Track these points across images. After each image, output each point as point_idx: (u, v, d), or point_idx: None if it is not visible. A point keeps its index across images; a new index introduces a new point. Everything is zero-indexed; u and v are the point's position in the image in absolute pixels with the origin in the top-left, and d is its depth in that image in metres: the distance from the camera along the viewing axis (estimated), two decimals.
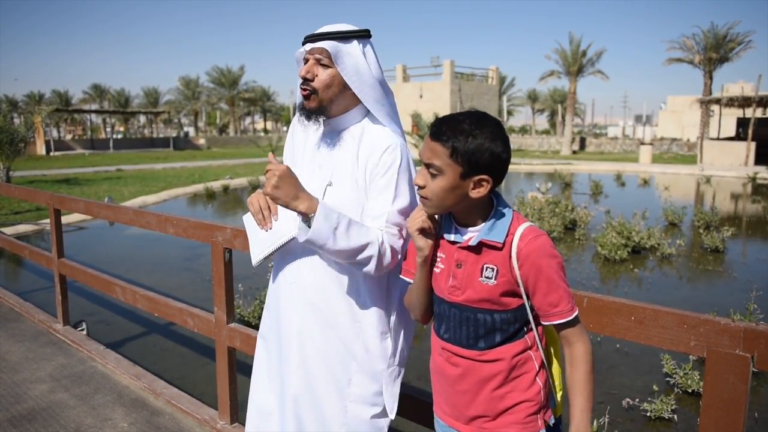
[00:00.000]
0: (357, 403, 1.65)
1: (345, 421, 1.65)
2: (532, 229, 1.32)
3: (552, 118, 65.62)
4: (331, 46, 1.54)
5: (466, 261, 1.35)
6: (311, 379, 1.65)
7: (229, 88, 56.66)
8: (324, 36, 1.55)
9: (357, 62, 1.56)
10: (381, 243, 1.52)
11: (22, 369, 3.49)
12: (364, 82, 1.57)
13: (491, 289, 1.32)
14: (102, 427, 2.81)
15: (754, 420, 3.66)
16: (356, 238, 1.49)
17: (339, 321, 1.64)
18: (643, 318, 1.44)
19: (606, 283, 7.12)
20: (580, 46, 37.47)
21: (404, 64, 36.12)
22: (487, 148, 1.26)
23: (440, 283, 1.41)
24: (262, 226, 1.67)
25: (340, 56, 1.54)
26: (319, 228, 1.45)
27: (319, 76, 1.57)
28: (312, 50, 1.57)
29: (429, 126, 1.35)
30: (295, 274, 1.67)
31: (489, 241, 1.32)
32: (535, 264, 1.28)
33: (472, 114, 1.31)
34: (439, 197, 1.31)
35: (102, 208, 3.75)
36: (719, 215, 11.22)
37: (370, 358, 1.64)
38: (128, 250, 8.95)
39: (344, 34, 1.56)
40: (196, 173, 21.51)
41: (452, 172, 1.28)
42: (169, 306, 3.17)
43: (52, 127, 49.29)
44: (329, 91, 1.58)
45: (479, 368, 1.37)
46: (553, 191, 15.16)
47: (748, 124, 26.89)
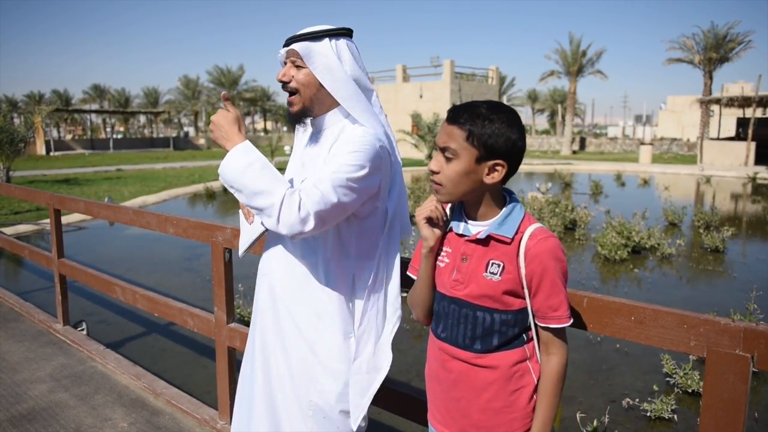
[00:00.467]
0: (320, 403, 1.62)
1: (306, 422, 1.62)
2: (543, 230, 1.32)
3: (552, 118, 65.63)
4: (301, 47, 1.58)
5: (472, 255, 1.35)
6: (272, 372, 1.67)
7: (229, 88, 56.67)
8: (296, 38, 1.60)
9: (328, 60, 1.58)
10: (291, 194, 1.44)
11: (22, 369, 3.49)
12: (336, 79, 1.59)
13: (494, 285, 1.31)
14: (102, 427, 2.81)
15: (754, 420, 3.66)
16: (267, 180, 1.45)
17: (302, 316, 1.63)
18: (643, 318, 1.44)
19: (606, 283, 7.12)
20: (580, 46, 37.49)
21: (404, 64, 36.17)
22: (503, 132, 1.28)
23: (443, 277, 1.41)
24: (247, 218, 1.74)
25: (311, 56, 1.58)
26: (234, 158, 1.48)
27: (295, 77, 1.61)
28: (287, 53, 1.62)
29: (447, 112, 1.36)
30: (267, 266, 1.72)
31: (498, 235, 1.31)
32: (543, 264, 1.28)
33: (489, 101, 1.33)
34: (454, 182, 1.31)
35: (102, 208, 3.75)
36: (719, 215, 11.22)
37: (330, 357, 1.62)
38: (128, 250, 8.94)
39: (315, 34, 1.59)
40: (196, 173, 21.51)
41: (468, 155, 1.29)
42: (169, 306, 3.17)
43: (52, 127, 49.32)
44: (308, 91, 1.61)
45: (474, 374, 1.35)
46: (553, 191, 15.16)
47: (748, 124, 26.89)
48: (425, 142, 26.22)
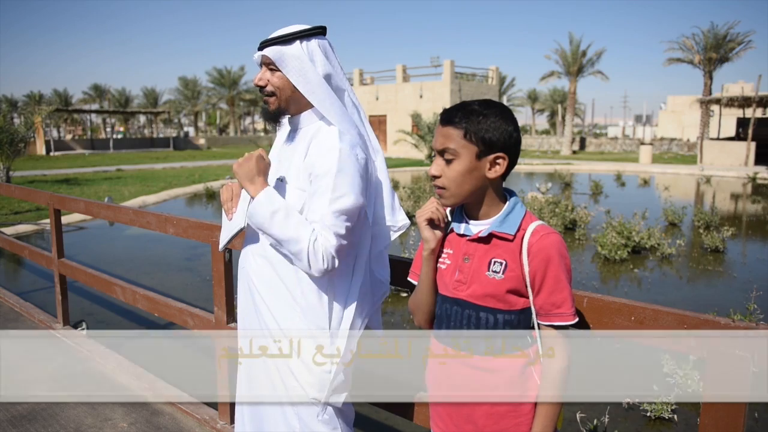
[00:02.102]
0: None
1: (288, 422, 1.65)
2: (545, 226, 1.31)
3: (552, 118, 65.59)
4: (273, 52, 1.61)
5: (474, 254, 1.34)
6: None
7: (229, 88, 56.62)
8: (268, 42, 1.62)
9: (301, 63, 1.61)
10: (314, 241, 1.53)
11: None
12: (309, 81, 1.62)
13: (498, 284, 1.30)
14: (102, 427, 2.81)
15: (754, 420, 3.66)
16: (292, 229, 1.53)
17: (279, 309, 1.66)
18: (643, 318, 1.44)
19: (606, 283, 7.11)
20: (580, 46, 37.46)
21: (404, 64, 36.13)
22: (499, 125, 1.29)
23: (445, 278, 1.39)
24: (227, 214, 1.80)
25: (283, 60, 1.61)
26: (259, 207, 1.56)
27: (270, 81, 1.64)
28: (261, 57, 1.65)
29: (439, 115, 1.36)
30: (245, 259, 1.76)
31: (500, 233, 1.31)
32: (546, 260, 1.27)
33: (479, 100, 1.34)
34: (457, 183, 1.31)
35: (102, 208, 3.75)
36: (719, 215, 11.21)
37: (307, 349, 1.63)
38: (128, 250, 8.94)
39: (286, 37, 1.61)
40: (196, 173, 21.50)
41: (468, 153, 1.29)
42: (169, 306, 3.17)
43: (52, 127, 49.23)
44: (284, 93, 1.65)
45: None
46: (553, 191, 15.16)
47: (748, 124, 26.88)
48: (425, 142, 26.23)
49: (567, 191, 16.94)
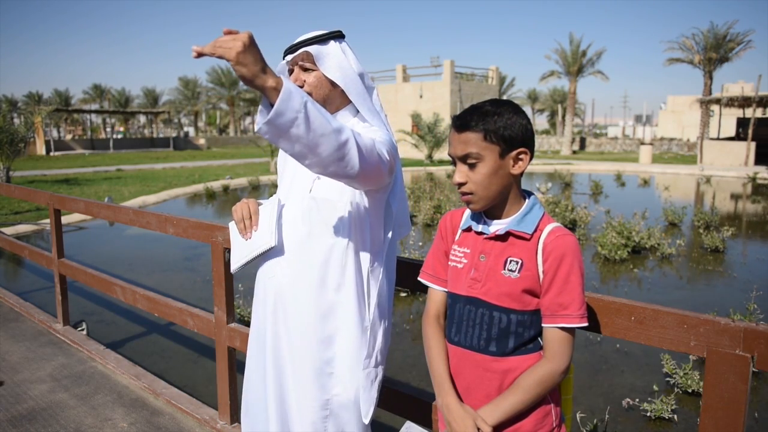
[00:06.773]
0: (338, 401, 1.64)
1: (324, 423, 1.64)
2: (562, 228, 1.32)
3: (552, 118, 65.62)
4: (312, 49, 1.63)
5: (491, 253, 1.34)
6: (285, 376, 1.67)
7: (229, 88, 56.66)
8: (302, 44, 1.64)
9: (338, 60, 1.64)
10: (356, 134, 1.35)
11: (22, 369, 3.49)
12: (347, 77, 1.64)
13: (513, 283, 1.29)
14: (102, 427, 2.81)
15: (754, 420, 3.66)
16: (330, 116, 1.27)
17: (314, 316, 1.63)
18: (643, 318, 1.44)
19: (606, 283, 7.12)
20: (580, 46, 37.50)
21: (404, 64, 36.13)
22: (515, 121, 1.30)
23: (460, 277, 1.39)
24: (243, 235, 1.73)
25: (321, 57, 1.63)
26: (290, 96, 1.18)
27: (307, 81, 1.64)
28: (294, 59, 1.65)
29: (452, 119, 1.36)
30: (274, 269, 1.69)
31: (518, 231, 1.31)
32: (558, 259, 1.27)
33: (487, 100, 1.34)
34: (484, 185, 1.31)
35: (102, 208, 3.75)
36: (719, 215, 11.22)
37: (348, 353, 1.63)
38: (128, 250, 8.94)
39: (321, 38, 1.64)
40: (196, 173, 21.50)
41: (491, 154, 1.30)
42: (169, 306, 3.17)
43: (52, 127, 49.30)
44: (320, 92, 1.65)
45: (489, 379, 1.32)
46: (553, 191, 15.16)
47: (748, 124, 26.90)
48: (425, 142, 26.25)
49: (567, 191, 16.94)
